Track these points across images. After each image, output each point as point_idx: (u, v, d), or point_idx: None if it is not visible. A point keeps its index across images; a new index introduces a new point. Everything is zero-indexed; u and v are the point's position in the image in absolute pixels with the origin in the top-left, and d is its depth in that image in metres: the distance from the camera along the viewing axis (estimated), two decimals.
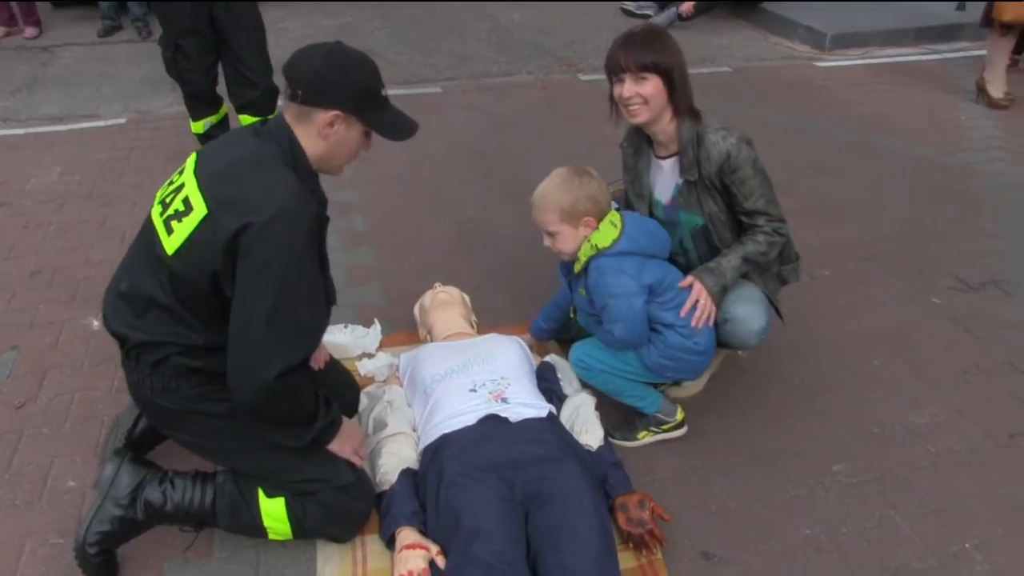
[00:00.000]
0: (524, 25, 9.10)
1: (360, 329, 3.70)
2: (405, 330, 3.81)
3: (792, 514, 2.92)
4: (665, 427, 3.15)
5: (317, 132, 2.45)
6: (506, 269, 4.40)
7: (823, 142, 6.12)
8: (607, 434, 3.06)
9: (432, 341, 3.49)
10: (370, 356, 3.61)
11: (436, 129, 5.95)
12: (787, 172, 5.49)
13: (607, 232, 2.93)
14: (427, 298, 3.70)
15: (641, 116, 3.07)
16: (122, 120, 6.49)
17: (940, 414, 3.40)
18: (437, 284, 3.81)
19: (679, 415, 3.16)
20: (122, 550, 2.65)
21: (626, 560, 2.67)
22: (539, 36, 8.71)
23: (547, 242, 3.05)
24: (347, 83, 2.43)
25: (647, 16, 9.07)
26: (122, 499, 2.57)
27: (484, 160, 5.67)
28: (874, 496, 2.99)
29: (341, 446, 2.68)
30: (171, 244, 2.37)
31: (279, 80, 5.23)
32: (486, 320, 3.82)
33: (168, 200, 2.47)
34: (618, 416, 3.20)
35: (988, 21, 6.59)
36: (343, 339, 3.62)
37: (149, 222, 2.52)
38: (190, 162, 2.51)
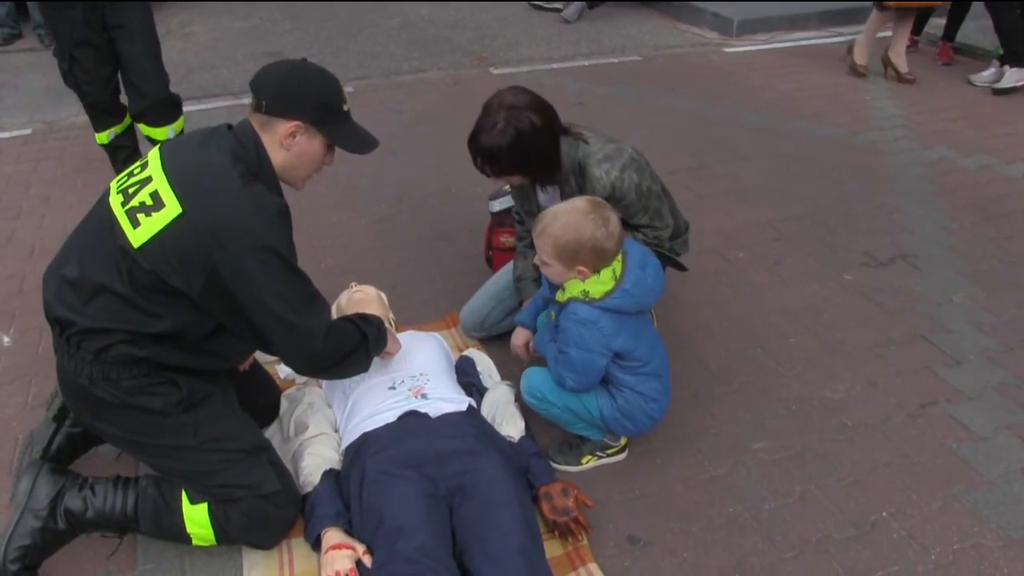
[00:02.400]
0: (433, 21, 9.07)
1: None
2: None
3: (715, 493, 2.96)
4: (610, 451, 3.09)
5: (279, 142, 2.54)
6: (422, 267, 4.38)
7: (733, 126, 6.20)
8: (549, 458, 3.03)
9: None
10: None
11: None
12: (698, 157, 5.59)
13: (604, 281, 2.77)
14: (343, 298, 3.67)
15: (516, 184, 3.27)
16: (27, 131, 6.32)
17: (855, 388, 3.47)
18: (353, 283, 3.78)
19: (623, 440, 3.11)
20: (42, 565, 2.59)
21: (552, 548, 2.69)
22: (449, 31, 8.69)
23: (537, 262, 2.91)
24: (308, 95, 2.54)
25: (557, 10, 9.10)
26: (41, 510, 2.52)
27: (396, 158, 5.63)
28: (794, 472, 3.05)
29: (391, 344, 3.05)
30: (138, 237, 2.38)
31: (187, 88, 5.20)
32: (404, 318, 3.81)
33: (131, 191, 2.46)
34: (559, 439, 3.14)
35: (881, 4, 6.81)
36: None
37: (106, 210, 2.49)
38: (154, 157, 2.52)
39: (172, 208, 2.35)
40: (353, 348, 2.73)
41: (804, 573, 2.65)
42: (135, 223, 2.39)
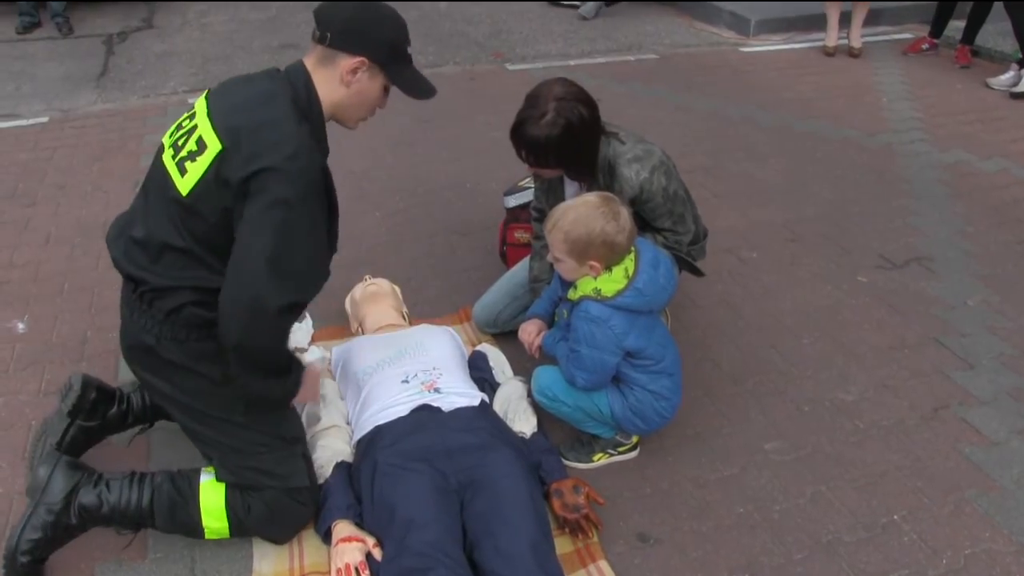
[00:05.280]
0: (450, 15, 9.06)
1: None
2: (337, 324, 3.78)
3: (725, 493, 2.96)
4: (621, 449, 3.09)
5: (340, 78, 2.47)
6: (436, 260, 4.38)
7: (748, 126, 6.19)
8: (560, 454, 3.03)
9: (364, 334, 3.47)
10: (302, 351, 3.55)
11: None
12: (713, 157, 5.59)
13: (616, 279, 2.76)
14: (357, 291, 3.68)
15: (551, 176, 3.25)
16: (44, 119, 6.32)
17: (868, 390, 3.46)
18: (367, 276, 3.79)
19: (634, 438, 3.10)
20: (52, 555, 2.59)
21: (563, 545, 2.69)
22: (466, 26, 8.68)
23: (550, 258, 2.90)
24: (379, 32, 2.48)
25: (574, 7, 9.09)
26: (55, 504, 2.51)
27: (411, 152, 5.64)
28: (805, 473, 3.04)
29: (303, 394, 2.68)
30: (185, 184, 2.37)
31: (203, 79, 5.18)
32: (417, 311, 3.82)
33: (180, 143, 2.45)
34: (571, 436, 3.14)
35: None
36: None
37: (160, 167, 2.49)
38: (201, 105, 2.49)
39: (213, 147, 2.33)
40: (272, 365, 2.48)
41: (814, 574, 2.65)
42: (183, 171, 2.38)
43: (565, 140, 2.96)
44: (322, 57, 2.47)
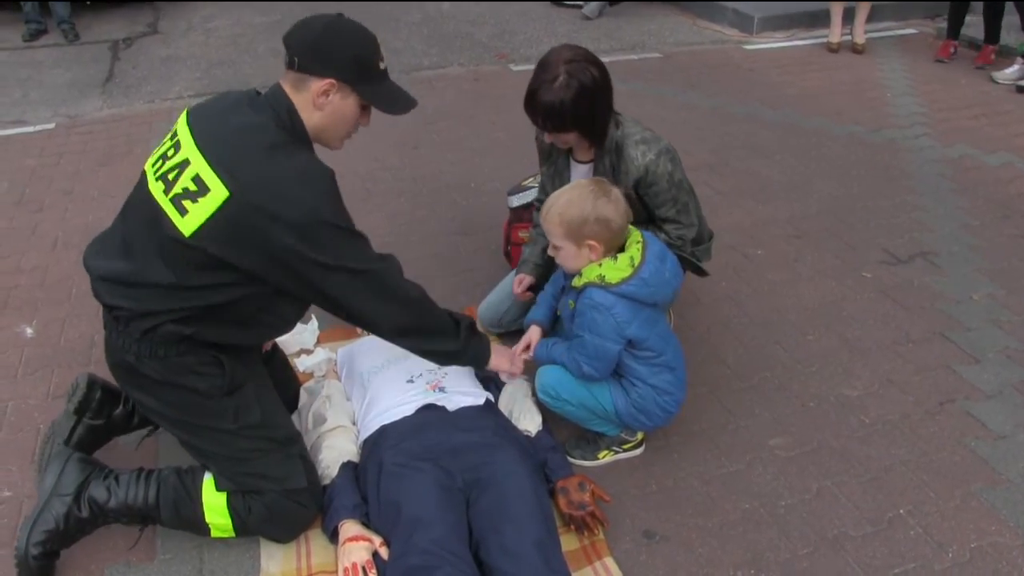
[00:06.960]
0: (454, 16, 9.07)
1: (297, 326, 3.67)
2: (342, 326, 3.78)
3: (731, 489, 2.96)
4: (626, 446, 3.10)
5: (312, 102, 2.44)
6: (440, 260, 4.39)
7: (752, 123, 6.19)
8: (566, 452, 3.04)
9: (369, 334, 3.48)
10: (308, 352, 3.60)
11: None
12: (718, 154, 5.59)
13: (622, 268, 2.76)
14: None
15: (567, 146, 3.22)
16: (51, 125, 6.36)
17: (873, 385, 3.46)
18: None
19: (640, 435, 3.11)
20: (62, 556, 2.61)
21: (568, 542, 2.70)
22: (470, 27, 8.69)
23: (551, 252, 2.90)
24: (343, 51, 2.45)
25: (577, 7, 9.09)
26: (67, 495, 2.54)
27: (416, 153, 5.65)
28: (811, 468, 3.04)
29: (499, 361, 2.96)
30: (188, 226, 2.33)
31: (208, 83, 5.19)
32: None
33: (171, 177, 2.40)
34: (576, 434, 3.14)
35: None
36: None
37: (147, 199, 2.46)
38: (184, 133, 2.46)
39: (218, 191, 2.29)
40: (436, 328, 2.77)
41: (820, 569, 2.65)
42: (182, 211, 2.34)
43: (580, 101, 2.97)
44: (295, 82, 2.45)
